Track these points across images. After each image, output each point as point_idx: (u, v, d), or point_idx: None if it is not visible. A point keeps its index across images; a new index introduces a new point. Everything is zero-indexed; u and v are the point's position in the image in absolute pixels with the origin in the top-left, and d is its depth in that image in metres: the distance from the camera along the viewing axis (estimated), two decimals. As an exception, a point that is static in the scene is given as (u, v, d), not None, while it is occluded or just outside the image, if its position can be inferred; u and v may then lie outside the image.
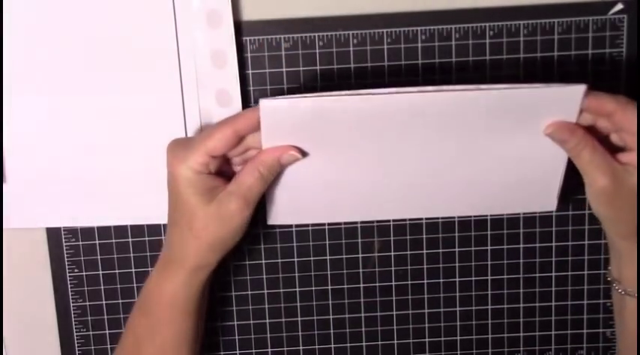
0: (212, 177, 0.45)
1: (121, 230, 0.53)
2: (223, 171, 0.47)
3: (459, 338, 0.56)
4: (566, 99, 0.44)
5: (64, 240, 0.53)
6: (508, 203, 0.51)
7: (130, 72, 0.50)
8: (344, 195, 0.50)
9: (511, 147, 0.47)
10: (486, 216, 0.54)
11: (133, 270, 0.54)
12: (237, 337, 0.55)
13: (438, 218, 0.54)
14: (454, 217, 0.54)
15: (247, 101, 0.51)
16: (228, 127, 0.44)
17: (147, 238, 0.53)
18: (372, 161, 0.47)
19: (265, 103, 0.43)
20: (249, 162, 0.46)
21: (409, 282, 0.55)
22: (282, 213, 0.50)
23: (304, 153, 0.46)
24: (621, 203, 0.45)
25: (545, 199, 0.50)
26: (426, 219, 0.54)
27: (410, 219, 0.54)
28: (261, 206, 0.48)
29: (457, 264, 0.54)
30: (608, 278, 0.51)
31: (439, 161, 0.48)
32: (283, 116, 0.44)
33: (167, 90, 0.50)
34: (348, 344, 0.56)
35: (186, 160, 0.44)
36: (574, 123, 0.44)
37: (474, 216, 0.54)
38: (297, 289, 0.55)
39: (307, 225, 0.54)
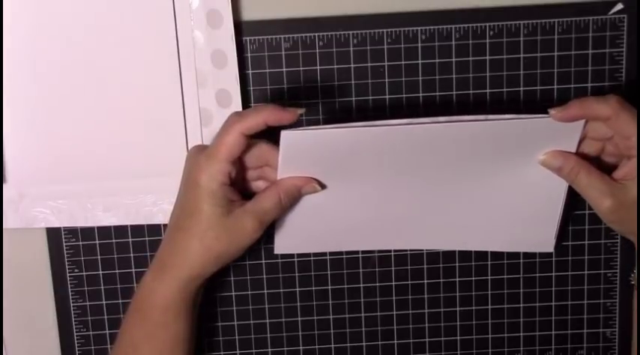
0: (232, 190, 0.46)
1: (121, 230, 0.53)
2: (237, 181, 0.47)
3: (459, 338, 0.56)
4: (567, 128, 0.44)
5: (64, 240, 0.53)
6: (506, 240, 0.52)
7: (129, 72, 0.50)
8: (352, 227, 0.51)
9: (511, 182, 0.47)
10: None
11: (133, 270, 0.54)
12: (237, 337, 0.55)
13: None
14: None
15: (247, 101, 0.51)
16: (236, 131, 0.44)
17: (147, 238, 0.53)
18: (380, 192, 0.48)
19: (286, 134, 0.43)
20: (272, 186, 0.47)
21: (409, 282, 0.55)
22: (291, 243, 0.52)
23: (322, 186, 0.47)
24: (630, 216, 0.45)
25: (543, 239, 0.51)
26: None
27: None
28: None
29: (457, 264, 0.54)
30: (632, 283, 0.51)
31: (444, 193, 0.48)
32: (302, 147, 0.44)
33: (167, 90, 0.50)
34: (348, 344, 0.55)
35: (209, 169, 0.44)
36: (565, 151, 0.45)
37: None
38: (297, 289, 0.55)
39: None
